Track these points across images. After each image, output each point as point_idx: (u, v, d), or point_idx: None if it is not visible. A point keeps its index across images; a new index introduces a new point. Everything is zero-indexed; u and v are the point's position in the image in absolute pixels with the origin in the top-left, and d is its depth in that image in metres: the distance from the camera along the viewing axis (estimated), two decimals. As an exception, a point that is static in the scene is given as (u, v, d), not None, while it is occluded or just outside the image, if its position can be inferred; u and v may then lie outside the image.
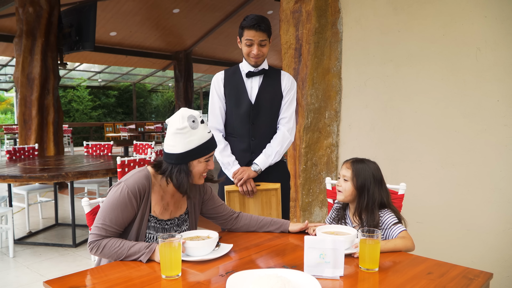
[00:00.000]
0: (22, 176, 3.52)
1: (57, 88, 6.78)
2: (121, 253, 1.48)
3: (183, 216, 1.74)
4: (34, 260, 3.60)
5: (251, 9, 11.34)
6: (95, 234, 1.52)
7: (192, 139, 1.55)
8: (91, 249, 1.53)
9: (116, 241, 1.51)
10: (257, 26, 2.13)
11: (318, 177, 3.42)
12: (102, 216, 1.54)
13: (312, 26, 3.27)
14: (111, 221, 1.53)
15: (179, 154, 1.56)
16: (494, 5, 2.55)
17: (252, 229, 1.85)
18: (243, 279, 1.23)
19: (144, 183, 1.59)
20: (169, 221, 1.68)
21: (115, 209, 1.54)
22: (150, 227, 1.62)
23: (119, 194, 1.55)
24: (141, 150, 5.49)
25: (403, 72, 3.00)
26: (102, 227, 1.53)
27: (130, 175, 1.61)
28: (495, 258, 2.58)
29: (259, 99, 2.27)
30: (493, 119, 2.58)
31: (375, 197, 1.72)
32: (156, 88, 22.39)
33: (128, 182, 1.57)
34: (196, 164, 1.59)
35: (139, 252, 1.47)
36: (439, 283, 1.29)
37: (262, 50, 2.19)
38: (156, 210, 1.64)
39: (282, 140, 2.26)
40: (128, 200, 1.55)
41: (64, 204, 5.68)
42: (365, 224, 1.70)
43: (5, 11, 8.28)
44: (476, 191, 2.66)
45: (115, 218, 1.53)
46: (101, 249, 1.50)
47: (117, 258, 1.50)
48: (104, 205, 1.56)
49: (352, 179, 1.74)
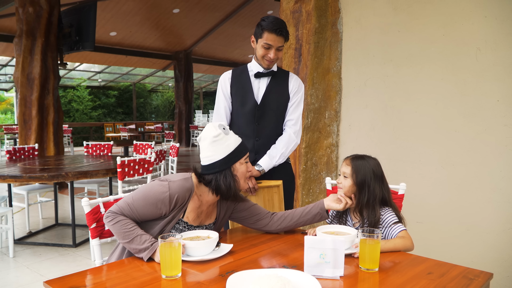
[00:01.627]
0: (22, 176, 3.52)
1: (57, 88, 6.78)
2: (127, 237, 1.51)
3: (211, 225, 1.76)
4: (34, 260, 3.60)
5: (251, 9, 11.33)
6: (119, 207, 1.56)
7: (230, 143, 1.62)
8: (107, 217, 1.56)
9: (129, 223, 1.54)
10: (279, 31, 2.10)
11: (318, 177, 3.42)
12: (135, 199, 1.58)
13: (312, 26, 3.27)
14: (137, 209, 1.57)
15: (221, 160, 1.61)
16: (494, 5, 2.55)
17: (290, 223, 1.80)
18: (243, 279, 1.23)
19: (185, 195, 1.62)
20: (198, 227, 1.70)
21: (147, 202, 1.57)
22: (176, 229, 1.65)
23: (158, 190, 1.58)
24: (141, 150, 5.49)
25: (403, 72, 3.00)
26: (127, 208, 1.56)
27: (177, 178, 1.63)
28: (495, 258, 2.58)
29: (265, 99, 2.26)
30: (493, 119, 2.58)
31: (375, 193, 1.71)
32: (156, 88, 22.40)
33: (172, 186, 1.59)
34: (239, 166, 1.64)
35: (143, 244, 1.48)
36: (439, 283, 1.29)
37: (278, 55, 2.18)
38: (190, 216, 1.67)
39: (288, 142, 2.23)
40: (161, 202, 1.57)
41: (64, 204, 5.68)
42: (366, 221, 1.70)
43: (5, 11, 8.29)
44: (476, 191, 2.66)
45: (142, 209, 1.57)
46: (114, 222, 1.54)
47: (122, 239, 1.52)
48: (139, 192, 1.60)
49: (351, 176, 1.74)
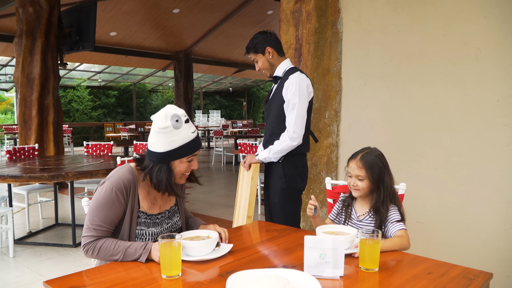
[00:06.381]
0: (22, 176, 3.51)
1: (57, 88, 6.78)
2: (118, 256, 1.47)
3: (173, 208, 1.72)
4: (34, 260, 3.60)
5: (251, 9, 11.33)
6: (88, 236, 1.51)
7: (175, 139, 1.52)
8: (86, 251, 1.50)
9: (111, 243, 1.49)
10: (246, 51, 2.58)
11: (318, 177, 3.42)
12: (91, 217, 1.52)
13: (312, 26, 3.27)
14: (101, 220, 1.51)
15: (160, 154, 1.54)
16: (494, 5, 2.55)
17: None
18: (243, 279, 1.23)
19: (129, 178, 1.56)
20: (159, 214, 1.66)
21: (103, 208, 1.51)
22: (140, 223, 1.60)
23: (104, 192, 1.52)
24: (141, 150, 5.48)
25: (403, 72, 3.00)
26: (93, 227, 1.51)
27: (113, 172, 1.59)
28: (495, 258, 2.58)
29: (268, 103, 2.61)
30: (493, 119, 2.58)
31: (389, 187, 1.75)
32: (156, 88, 22.39)
33: (112, 180, 1.54)
34: (178, 164, 1.58)
35: (136, 253, 1.46)
36: (439, 283, 1.29)
37: (258, 66, 2.57)
38: (144, 205, 1.62)
39: (280, 143, 2.45)
40: (115, 197, 1.52)
41: (64, 204, 5.68)
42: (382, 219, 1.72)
43: (5, 11, 8.28)
44: (476, 191, 2.66)
45: (104, 217, 1.51)
46: (97, 252, 1.49)
47: (115, 260, 1.48)
48: (91, 206, 1.54)
49: (367, 177, 1.75)
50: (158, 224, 1.65)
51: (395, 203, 1.77)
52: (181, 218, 1.76)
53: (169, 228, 1.70)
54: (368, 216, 1.78)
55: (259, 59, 2.53)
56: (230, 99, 26.12)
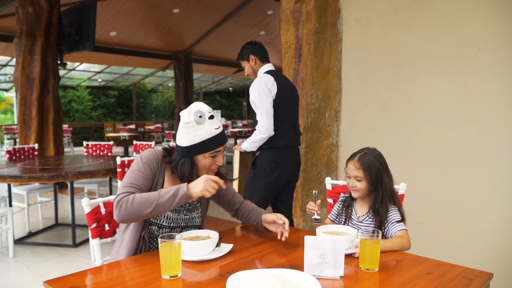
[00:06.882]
0: (22, 176, 3.51)
1: (57, 88, 6.78)
2: (153, 199, 1.50)
3: (195, 203, 1.75)
4: (34, 260, 3.60)
5: (251, 9, 11.33)
6: (122, 193, 1.55)
7: (197, 134, 1.59)
8: (120, 205, 1.51)
9: (144, 193, 1.54)
10: (237, 58, 2.96)
11: (318, 177, 3.42)
12: (125, 180, 1.60)
13: (312, 26, 3.27)
14: (137, 180, 1.59)
15: (184, 148, 1.62)
16: (494, 5, 2.55)
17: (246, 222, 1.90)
18: (243, 279, 1.23)
19: (157, 154, 1.67)
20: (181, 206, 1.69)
21: (135, 172, 1.61)
22: None
23: (135, 162, 1.65)
24: (141, 150, 5.48)
25: (403, 72, 3.00)
26: (130, 186, 1.57)
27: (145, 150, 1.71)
28: (495, 258, 2.58)
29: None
30: (493, 119, 2.58)
31: (388, 187, 1.75)
32: (156, 88, 22.40)
33: (142, 153, 1.67)
34: (201, 159, 1.64)
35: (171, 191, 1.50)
36: (439, 283, 1.29)
37: (245, 72, 2.94)
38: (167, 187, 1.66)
39: (253, 135, 2.76)
40: (145, 163, 1.62)
41: (64, 204, 5.68)
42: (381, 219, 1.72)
43: (5, 11, 8.28)
44: (476, 191, 2.66)
45: (136, 177, 1.60)
46: (131, 202, 1.51)
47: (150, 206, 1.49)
48: (126, 175, 1.63)
49: (365, 178, 1.75)
50: (176, 211, 1.69)
51: (395, 203, 1.77)
52: (201, 216, 1.78)
53: (186, 221, 1.72)
54: (368, 217, 1.78)
55: (245, 66, 2.91)
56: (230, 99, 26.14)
